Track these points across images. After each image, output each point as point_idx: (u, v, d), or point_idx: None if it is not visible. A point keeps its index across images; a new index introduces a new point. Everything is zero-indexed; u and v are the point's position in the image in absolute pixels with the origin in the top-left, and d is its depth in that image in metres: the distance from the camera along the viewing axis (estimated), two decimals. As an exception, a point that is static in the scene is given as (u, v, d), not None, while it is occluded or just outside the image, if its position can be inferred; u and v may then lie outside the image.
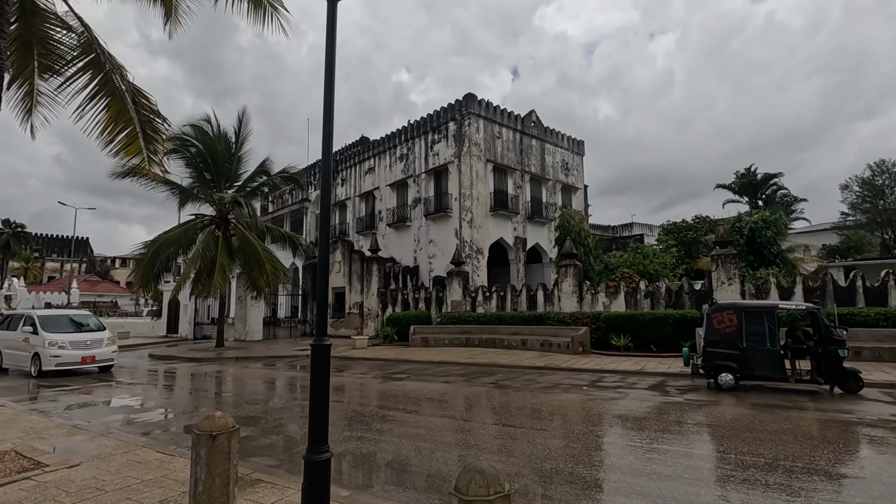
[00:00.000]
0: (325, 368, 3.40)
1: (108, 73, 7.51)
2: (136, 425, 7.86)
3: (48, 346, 13.02)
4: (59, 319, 14.43)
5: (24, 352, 13.69)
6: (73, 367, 13.37)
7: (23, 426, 7.23)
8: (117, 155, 7.96)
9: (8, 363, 14.71)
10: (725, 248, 16.32)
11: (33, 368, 13.26)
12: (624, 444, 6.17)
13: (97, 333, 14.36)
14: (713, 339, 9.78)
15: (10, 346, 14.46)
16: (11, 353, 14.44)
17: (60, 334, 13.42)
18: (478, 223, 25.63)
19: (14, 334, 14.19)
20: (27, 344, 13.51)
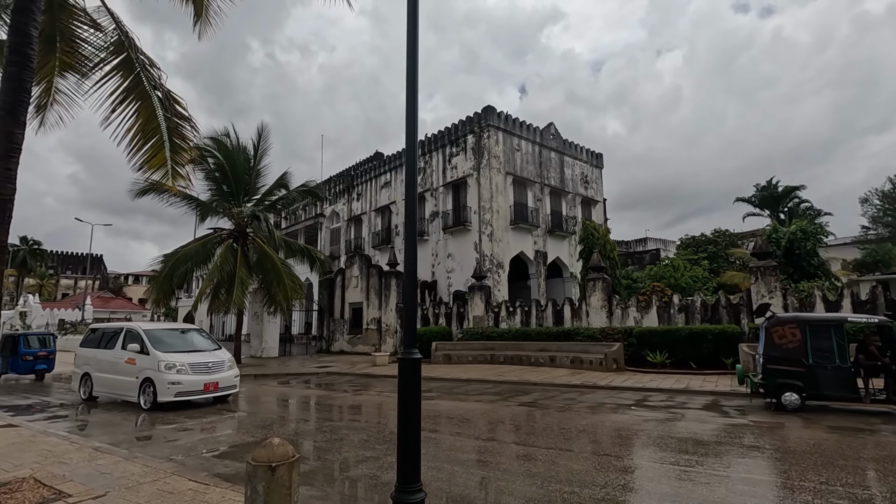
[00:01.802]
0: (415, 388, 2.86)
1: (139, 74, 7.15)
2: (175, 449, 7.29)
3: (165, 369, 10.06)
4: (168, 335, 11.43)
5: (126, 376, 10.61)
6: (195, 396, 10.36)
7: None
8: (141, 168, 7.55)
9: (100, 390, 11.42)
10: (765, 260, 15.61)
11: (143, 399, 10.21)
12: (710, 474, 5.49)
13: (216, 354, 11.31)
14: (774, 356, 9.07)
15: (105, 369, 11.18)
16: (107, 379, 11.13)
17: (176, 354, 10.52)
18: (498, 237, 25.10)
19: (110, 354, 11.17)
20: (132, 367, 10.55)
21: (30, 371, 17.24)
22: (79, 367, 11.96)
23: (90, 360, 11.68)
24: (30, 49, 5.01)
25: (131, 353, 10.61)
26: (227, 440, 7.81)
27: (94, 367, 11.51)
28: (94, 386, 11.48)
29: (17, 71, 4.92)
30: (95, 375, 11.44)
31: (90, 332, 12.73)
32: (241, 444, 7.39)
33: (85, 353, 11.94)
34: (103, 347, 11.55)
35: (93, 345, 11.98)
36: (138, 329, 11.13)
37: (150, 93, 7.30)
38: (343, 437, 7.58)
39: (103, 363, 11.34)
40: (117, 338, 11.32)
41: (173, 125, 7.67)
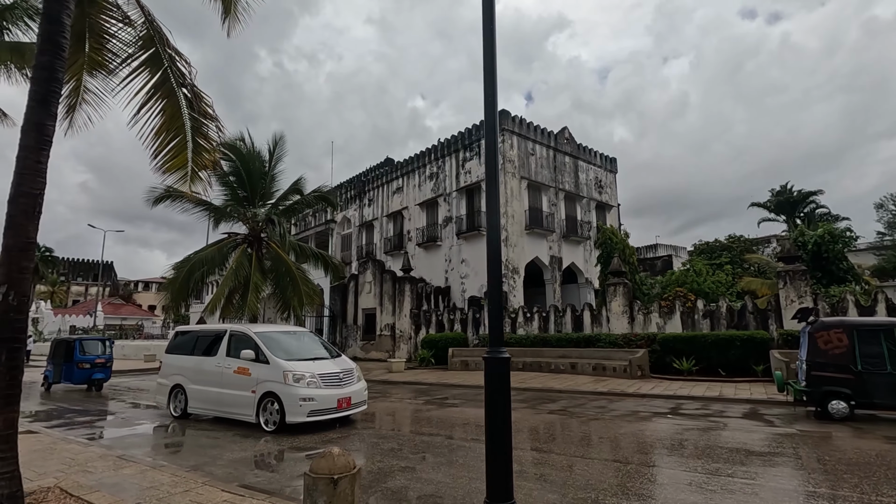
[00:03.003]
0: (505, 392, 2.57)
1: (166, 71, 6.98)
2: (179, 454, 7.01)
3: (293, 382, 8.08)
4: (284, 339, 9.37)
5: (237, 390, 8.71)
6: (328, 415, 8.31)
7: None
8: (161, 168, 7.37)
9: (199, 407, 9.39)
10: (793, 264, 15.19)
11: (264, 418, 8.26)
12: (777, 488, 5.12)
13: (341, 362, 9.38)
14: (819, 362, 8.67)
15: (205, 381, 9.24)
16: (208, 393, 9.16)
17: (300, 363, 8.59)
18: (513, 241, 24.79)
19: (211, 362, 9.29)
20: (244, 378, 8.64)
21: (86, 380, 15.34)
22: (166, 378, 10.06)
23: (183, 370, 9.77)
24: (62, 38, 4.82)
25: (243, 362, 8.66)
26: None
27: (190, 379, 9.57)
28: (188, 401, 9.47)
29: (50, 60, 4.73)
30: (191, 388, 9.46)
31: (178, 335, 10.72)
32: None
33: (174, 362, 10.09)
34: (199, 354, 9.67)
35: (184, 351, 10.06)
36: (248, 332, 9.13)
37: (177, 90, 7.13)
38: (375, 445, 7.27)
39: (202, 374, 9.39)
40: (219, 343, 9.33)
41: (197, 124, 7.50)
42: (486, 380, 2.62)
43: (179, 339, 10.52)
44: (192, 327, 11.30)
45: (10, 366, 4.49)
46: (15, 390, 4.54)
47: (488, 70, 3.15)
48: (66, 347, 15.38)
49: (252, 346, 8.78)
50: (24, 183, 4.63)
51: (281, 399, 8.10)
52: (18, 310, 4.58)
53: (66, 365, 15.14)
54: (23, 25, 12.00)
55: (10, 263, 4.58)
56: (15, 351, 4.55)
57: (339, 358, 9.53)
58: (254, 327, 9.64)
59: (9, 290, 4.53)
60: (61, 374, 15.25)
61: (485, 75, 3.13)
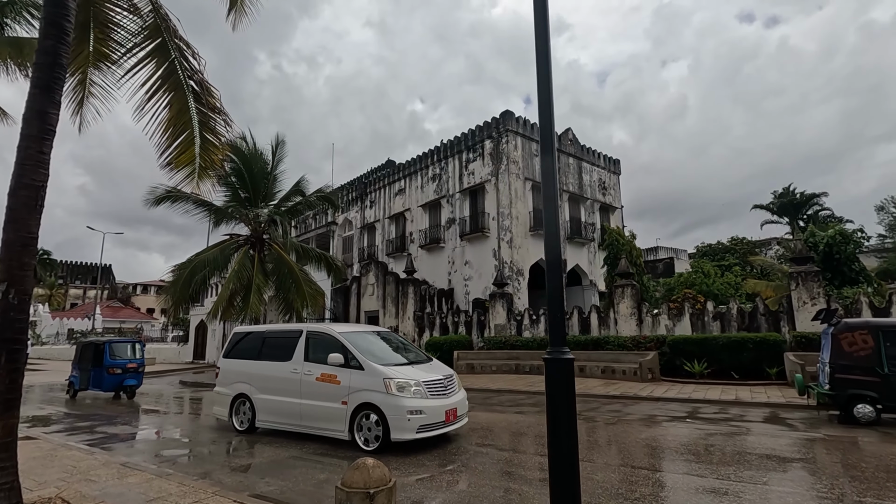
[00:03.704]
0: (570, 397, 2.31)
1: (174, 62, 6.72)
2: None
3: (396, 391, 6.81)
4: (371, 341, 8.09)
5: (322, 401, 7.40)
6: (437, 430, 7.00)
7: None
8: (169, 165, 7.10)
9: (270, 420, 8.15)
10: (805, 265, 14.96)
11: (361, 436, 6.97)
12: (830, 499, 4.86)
13: (437, 367, 8.04)
14: (843, 364, 8.41)
15: (278, 390, 7.99)
16: (282, 404, 7.92)
17: (398, 368, 7.35)
18: (518, 243, 24.54)
19: (285, 368, 7.97)
20: (331, 387, 7.32)
21: (117, 387, 14.12)
22: (227, 387, 8.79)
23: (248, 378, 8.48)
24: (66, 21, 4.57)
25: (330, 368, 7.35)
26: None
27: (257, 388, 8.30)
28: (256, 413, 8.23)
29: (54, 45, 4.48)
30: (259, 399, 8.21)
31: (238, 337, 9.26)
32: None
33: (236, 368, 8.79)
34: (268, 359, 8.36)
35: (247, 355, 8.74)
36: (332, 332, 7.84)
37: (184, 82, 6.88)
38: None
39: (273, 381, 8.10)
40: (293, 345, 8.01)
41: (205, 119, 7.23)
42: (549, 384, 2.37)
43: (240, 342, 9.15)
44: (256, 328, 9.61)
45: (10, 368, 4.21)
46: (15, 394, 4.26)
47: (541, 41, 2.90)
48: (94, 351, 14.19)
49: (339, 349, 7.44)
50: (25, 174, 4.37)
51: (383, 412, 6.72)
52: (20, 309, 4.31)
53: (95, 370, 13.95)
54: (24, 23, 11.79)
55: (11, 259, 4.31)
56: (15, 353, 4.28)
57: (432, 362, 8.18)
58: (335, 327, 8.33)
59: (9, 288, 4.26)
60: (89, 380, 14.07)
61: (537, 47, 2.89)
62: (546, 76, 3.19)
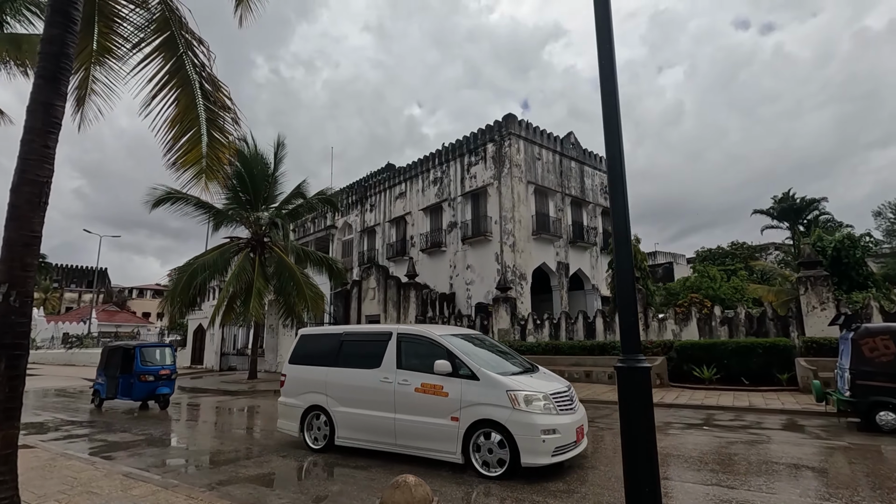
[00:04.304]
0: (647, 409, 2.08)
1: (181, 56, 6.50)
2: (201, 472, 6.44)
3: (524, 406, 5.71)
4: (475, 346, 7.00)
5: (424, 416, 6.25)
6: (571, 452, 5.92)
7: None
8: (175, 164, 6.87)
9: (354, 438, 6.96)
10: (814, 270, 14.79)
11: (481, 458, 5.82)
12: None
13: (552, 376, 6.88)
14: (865, 370, 8.21)
15: (365, 402, 6.84)
16: (371, 420, 6.74)
17: (516, 377, 6.24)
18: (520, 247, 24.34)
19: (373, 376, 6.83)
20: (438, 400, 6.17)
21: (149, 396, 12.76)
22: (296, 398, 7.59)
23: (325, 387, 7.28)
24: (74, 9, 4.35)
25: (434, 377, 6.23)
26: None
27: (337, 399, 7.14)
28: (336, 429, 7.07)
29: (60, 34, 4.25)
30: (339, 412, 7.05)
31: (306, 340, 8.10)
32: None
33: (308, 376, 7.60)
34: (348, 365, 7.20)
35: (320, 361, 7.56)
36: (431, 335, 6.72)
37: (192, 78, 6.66)
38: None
39: (357, 392, 6.95)
40: (383, 349, 6.86)
41: (213, 116, 7.00)
42: (623, 396, 2.13)
43: (310, 345, 7.97)
44: (329, 329, 8.44)
45: (10, 375, 3.96)
46: (15, 403, 4.01)
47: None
48: (122, 356, 12.92)
49: (444, 356, 6.33)
50: (29, 169, 4.14)
51: (510, 431, 5.61)
52: (21, 312, 4.06)
53: (124, 377, 12.71)
54: (24, 21, 11.53)
55: (13, 259, 4.06)
56: (16, 359, 4.02)
57: (542, 370, 6.99)
58: (432, 328, 7.13)
59: (10, 290, 4.02)
60: (117, 389, 12.80)
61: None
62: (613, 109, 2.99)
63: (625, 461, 2.10)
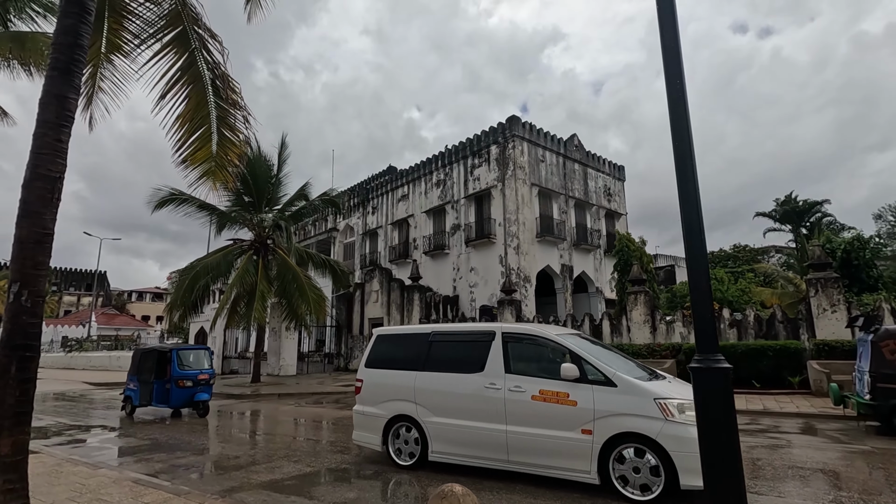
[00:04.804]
0: (727, 414, 1.93)
1: (193, 52, 6.37)
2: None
3: (680, 416, 4.87)
4: (590, 344, 6.17)
5: (546, 429, 5.38)
6: None
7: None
8: (184, 162, 6.73)
9: (453, 453, 6.02)
10: (824, 272, 14.66)
11: (627, 479, 4.95)
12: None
13: (676, 381, 6.06)
14: (886, 373, 8.06)
15: (467, 412, 5.95)
16: (476, 432, 5.82)
17: (652, 384, 5.38)
18: (524, 249, 24.21)
19: (474, 382, 5.95)
20: (563, 410, 5.33)
21: (187, 402, 11.76)
22: (377, 406, 6.67)
23: (413, 394, 6.36)
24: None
25: (556, 383, 5.42)
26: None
27: (429, 408, 6.21)
28: (430, 442, 6.11)
29: (74, 24, 4.12)
30: (434, 423, 6.11)
31: (384, 340, 7.22)
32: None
33: (390, 381, 6.70)
34: (441, 369, 6.31)
35: (405, 364, 6.65)
36: (547, 335, 5.92)
37: (204, 74, 6.52)
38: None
39: (456, 400, 6.06)
40: (486, 351, 5.98)
41: (224, 114, 6.87)
42: (699, 400, 1.94)
43: (388, 347, 7.08)
44: (412, 328, 7.58)
45: (21, 378, 3.80)
46: (26, 407, 3.84)
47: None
48: (157, 360, 12.08)
49: (568, 358, 5.52)
50: (41, 164, 3.99)
51: (663, 446, 4.75)
52: (33, 312, 3.91)
53: (159, 382, 11.85)
54: (28, 20, 11.41)
55: (24, 258, 3.91)
56: (27, 361, 3.86)
57: (667, 377, 6.01)
58: (548, 329, 6.29)
59: (21, 290, 3.86)
60: (152, 395, 11.89)
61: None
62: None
63: (705, 474, 1.91)
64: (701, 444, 1.97)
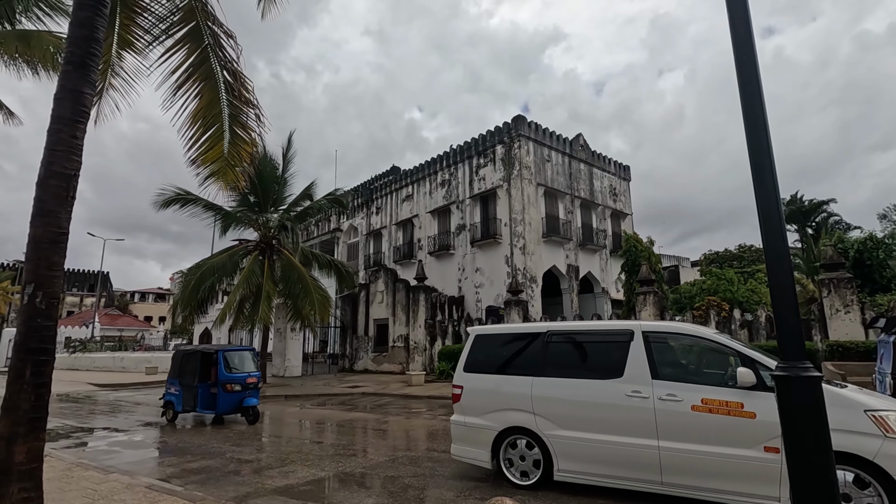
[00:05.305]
0: (819, 429, 1.76)
1: (206, 48, 6.24)
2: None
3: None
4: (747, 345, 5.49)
5: (706, 445, 4.59)
6: None
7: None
8: (196, 161, 6.61)
9: (584, 472, 5.20)
10: (837, 272, 14.49)
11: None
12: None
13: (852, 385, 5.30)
14: (909, 374, 7.91)
15: (602, 424, 5.15)
16: (616, 449, 5.01)
17: (856, 391, 4.61)
18: (531, 250, 24.06)
19: (613, 389, 5.15)
20: (736, 423, 4.49)
21: (235, 408, 10.80)
22: (483, 417, 5.86)
23: (531, 402, 5.54)
24: (105, -10, 4.08)
25: (723, 391, 4.66)
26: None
27: (552, 419, 5.40)
28: (556, 459, 5.30)
29: (90, 16, 3.99)
30: (560, 438, 5.32)
31: (485, 340, 6.36)
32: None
33: (499, 387, 5.88)
34: (561, 374, 5.51)
35: (519, 369, 5.85)
36: (703, 333, 5.20)
37: (216, 71, 6.40)
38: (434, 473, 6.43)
39: (586, 410, 5.26)
40: (624, 353, 5.21)
41: (236, 112, 6.74)
42: (785, 412, 1.75)
43: (492, 348, 6.29)
44: (524, 327, 6.81)
45: (36, 383, 3.67)
46: (41, 413, 3.71)
47: None
48: (201, 362, 11.15)
49: (739, 361, 4.72)
50: (56, 161, 3.86)
51: (887, 471, 3.94)
52: (47, 315, 3.78)
53: (204, 386, 10.98)
54: (35, 18, 11.31)
55: (39, 259, 3.78)
56: (42, 364, 3.74)
57: (849, 385, 5.34)
58: (702, 328, 5.60)
59: (36, 291, 3.74)
60: (196, 400, 10.96)
61: None
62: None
63: (794, 495, 1.74)
64: (788, 458, 1.80)
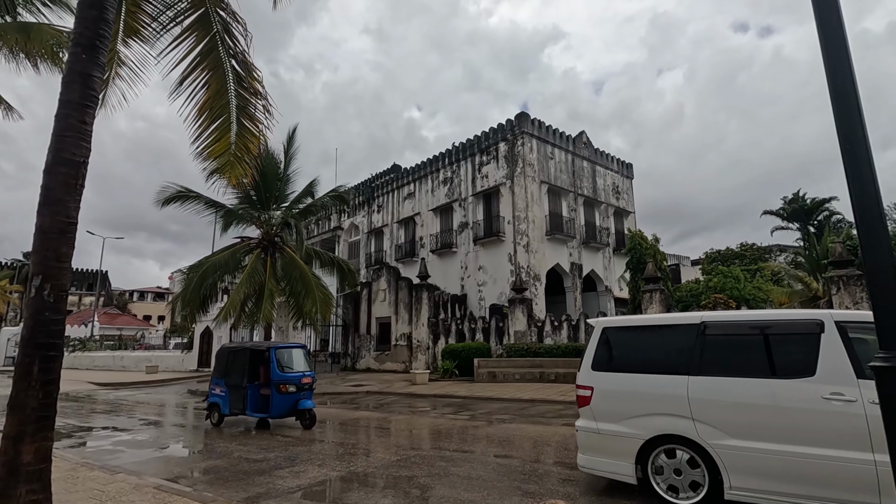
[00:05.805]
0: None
1: (215, 37, 6.07)
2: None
3: None
4: None
5: None
6: None
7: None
8: (202, 154, 6.45)
9: (769, 492, 4.22)
10: (846, 269, 14.40)
11: None
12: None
13: None
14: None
15: (789, 433, 4.21)
16: (814, 464, 4.06)
17: None
18: (534, 247, 23.91)
19: (799, 390, 4.23)
20: None
21: (290, 411, 9.71)
22: (623, 423, 5.03)
23: (689, 406, 4.67)
24: (114, -31, 3.91)
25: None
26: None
27: (718, 426, 4.53)
28: (727, 473, 4.39)
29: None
30: (730, 449, 4.43)
31: (615, 335, 5.54)
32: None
33: (642, 388, 5.06)
34: (726, 373, 4.66)
35: (666, 366, 5.01)
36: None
37: (224, 60, 6.22)
38: (446, 473, 6.28)
39: (767, 416, 4.37)
40: (812, 348, 4.33)
41: (244, 103, 6.57)
42: (887, 405, 1.61)
43: (625, 342, 5.55)
44: (668, 318, 6.12)
45: (44, 380, 3.50)
46: (49, 411, 3.55)
47: None
48: (250, 359, 10.15)
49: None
50: (64, 148, 3.69)
51: None
52: (55, 308, 3.61)
53: (253, 387, 9.94)
54: (35, 11, 11.11)
55: (46, 249, 3.61)
56: (50, 360, 3.57)
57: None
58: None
59: (44, 283, 3.57)
60: (244, 402, 9.89)
61: None
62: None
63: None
64: (892, 454, 1.64)
